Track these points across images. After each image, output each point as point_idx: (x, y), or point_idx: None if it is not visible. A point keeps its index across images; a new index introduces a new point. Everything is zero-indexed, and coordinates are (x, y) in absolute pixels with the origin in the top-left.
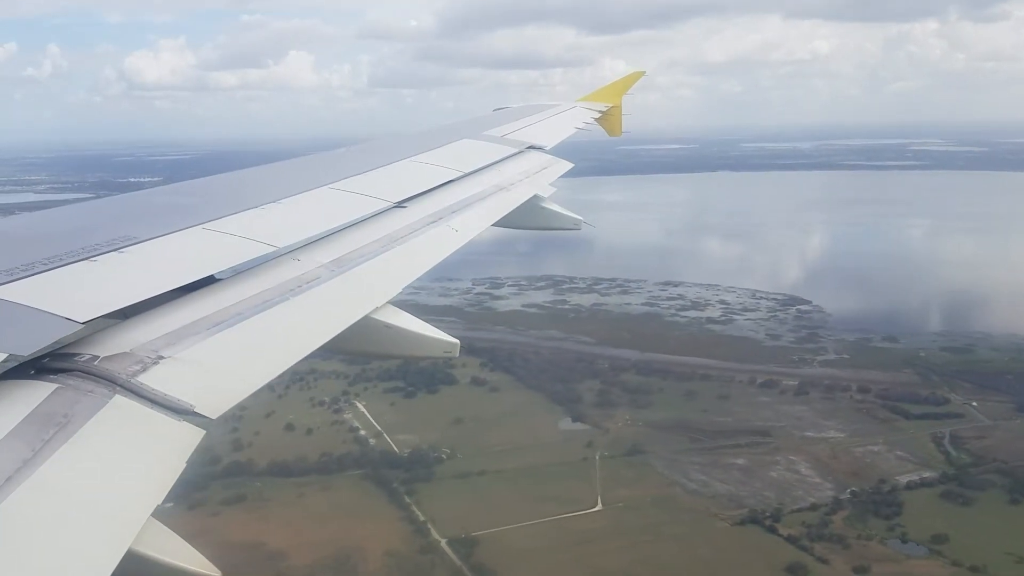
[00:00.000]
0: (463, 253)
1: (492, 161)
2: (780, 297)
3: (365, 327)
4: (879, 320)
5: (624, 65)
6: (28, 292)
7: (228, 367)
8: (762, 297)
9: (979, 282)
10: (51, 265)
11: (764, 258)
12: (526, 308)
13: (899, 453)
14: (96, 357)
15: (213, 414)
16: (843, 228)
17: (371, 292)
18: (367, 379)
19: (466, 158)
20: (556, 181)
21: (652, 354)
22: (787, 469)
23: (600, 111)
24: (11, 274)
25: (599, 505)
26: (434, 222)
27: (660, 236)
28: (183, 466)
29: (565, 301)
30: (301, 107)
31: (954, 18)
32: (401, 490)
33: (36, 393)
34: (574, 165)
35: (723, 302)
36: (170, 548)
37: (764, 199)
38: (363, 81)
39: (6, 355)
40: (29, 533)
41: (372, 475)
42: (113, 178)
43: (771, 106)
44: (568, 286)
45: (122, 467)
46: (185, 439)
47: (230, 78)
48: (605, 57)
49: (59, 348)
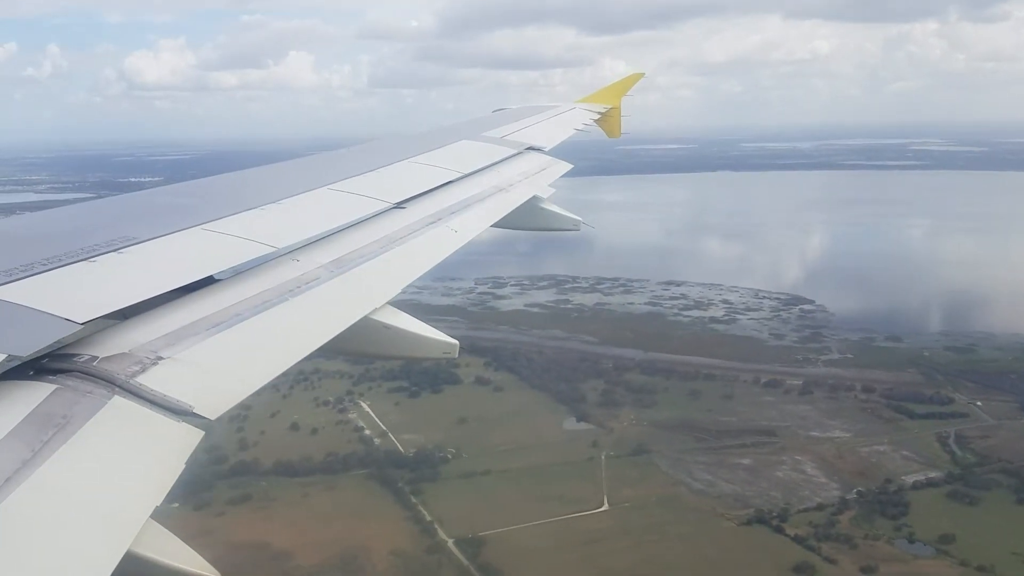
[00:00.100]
0: (465, 253)
1: (491, 162)
2: (783, 297)
3: (364, 328)
4: (882, 320)
5: (624, 65)
6: (27, 292)
7: (227, 368)
8: (765, 297)
9: (981, 282)
10: (50, 265)
11: (766, 258)
12: (529, 308)
13: (904, 453)
14: (95, 358)
15: (212, 415)
16: (844, 228)
17: (370, 293)
18: (371, 379)
19: (465, 159)
20: (556, 181)
21: (655, 354)
22: (793, 469)
23: (599, 112)
24: (10, 274)
25: (605, 505)
26: (433, 223)
27: (662, 236)
28: (182, 467)
29: (568, 301)
30: (301, 107)
31: (954, 18)
32: (407, 490)
33: (35, 394)
34: (573, 166)
35: (726, 302)
36: (169, 549)
37: (765, 199)
38: (363, 81)
39: (5, 355)
40: (28, 534)
41: (377, 475)
42: (114, 178)
43: (771, 106)
44: (570, 286)
45: (121, 468)
46: (184, 440)
47: (230, 78)
48: (605, 57)
49: (58, 349)
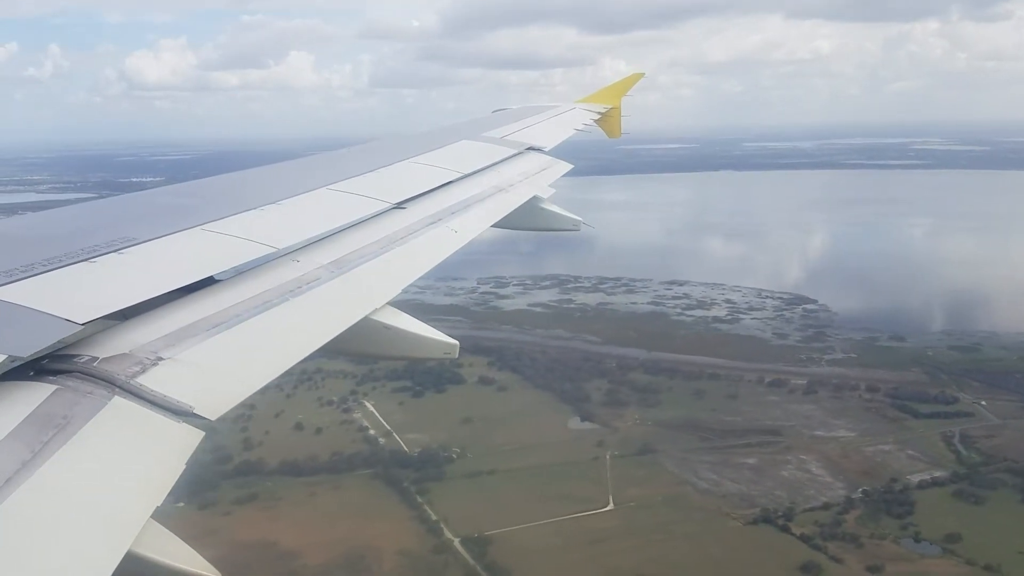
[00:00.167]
0: (467, 253)
1: (492, 162)
2: (786, 296)
3: (364, 328)
4: (885, 319)
5: (625, 65)
6: (28, 293)
7: (227, 368)
8: (768, 296)
9: (984, 281)
10: (51, 266)
11: (769, 257)
12: (532, 307)
13: (910, 452)
14: (95, 358)
15: (212, 415)
16: (847, 227)
17: (370, 293)
18: (375, 378)
19: (466, 159)
20: (556, 181)
21: (659, 353)
22: (798, 468)
23: (599, 113)
24: (11, 275)
25: (611, 504)
26: (433, 223)
27: (664, 235)
28: (182, 467)
29: (571, 300)
30: (302, 107)
31: (955, 18)
32: (412, 489)
33: (35, 394)
34: (573, 166)
35: (729, 301)
36: (170, 549)
37: (767, 198)
38: (364, 81)
39: (5, 356)
40: (29, 534)
41: (383, 474)
42: (115, 178)
43: (772, 106)
44: (573, 285)
45: (121, 468)
46: (184, 440)
47: (231, 78)
48: (606, 57)
49: (58, 349)
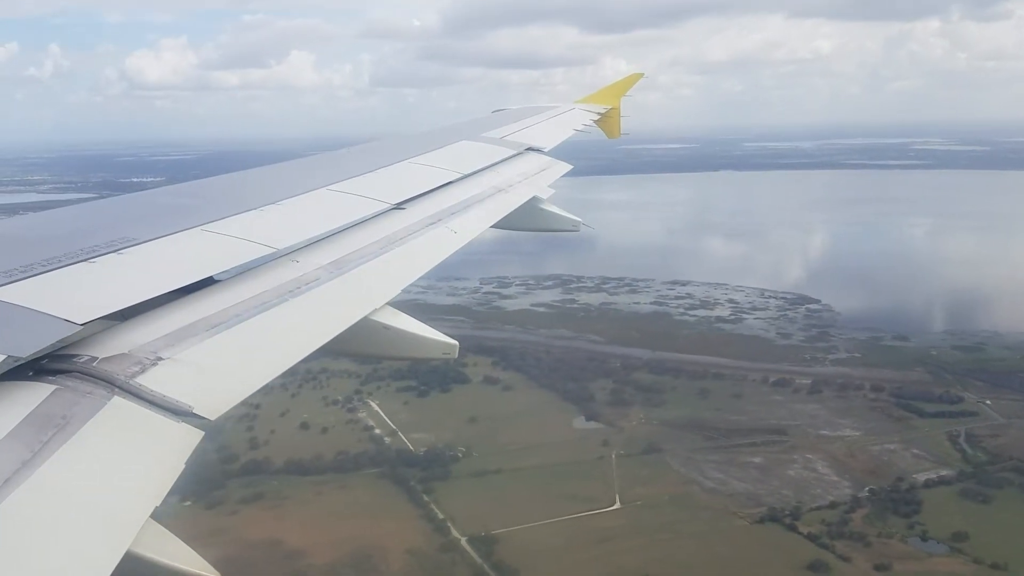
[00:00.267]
0: (469, 253)
1: (491, 163)
2: (789, 296)
3: (364, 328)
4: (888, 319)
5: (625, 64)
6: (27, 293)
7: (227, 368)
8: (771, 296)
9: (986, 281)
10: (50, 266)
11: (771, 257)
12: (535, 307)
13: (915, 451)
14: (95, 358)
15: (212, 415)
16: (848, 227)
17: (370, 294)
18: (379, 378)
19: (465, 160)
20: (557, 181)
21: (663, 353)
22: (804, 467)
23: (599, 113)
24: (10, 275)
25: (617, 503)
26: (433, 224)
27: (665, 235)
28: (182, 467)
29: (574, 300)
30: (302, 107)
31: (956, 17)
32: (419, 488)
33: (35, 394)
34: (573, 167)
35: (732, 301)
36: (169, 549)
37: (768, 198)
38: (364, 80)
39: (5, 356)
40: (28, 534)
41: (389, 473)
42: (116, 178)
43: (772, 105)
44: (576, 285)
45: (121, 468)
46: (184, 440)
47: (231, 78)
48: (607, 56)
49: (58, 349)
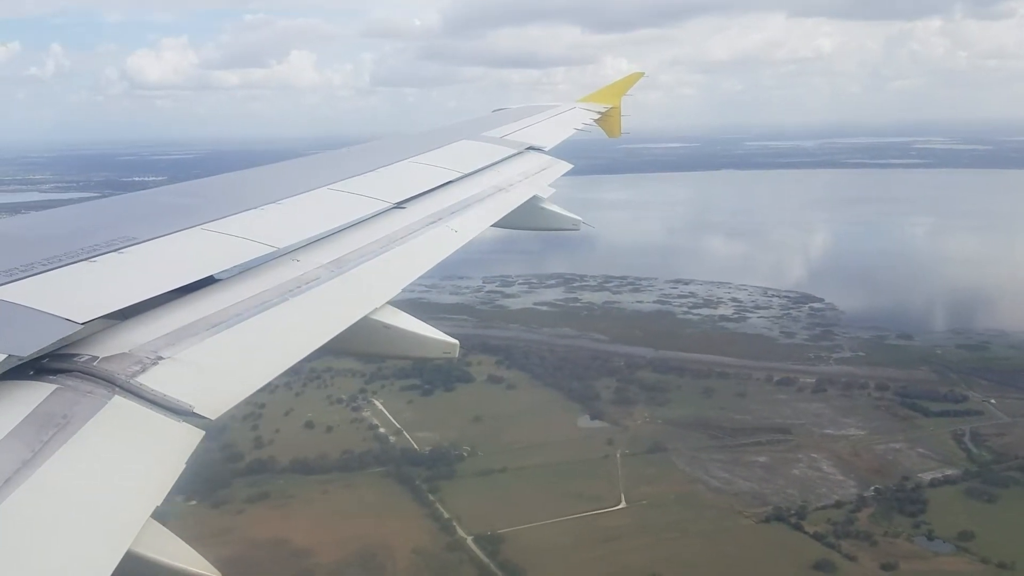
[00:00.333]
0: (472, 251)
1: (491, 162)
2: (792, 295)
3: (364, 328)
4: (892, 318)
5: (626, 63)
6: (28, 293)
7: (227, 368)
8: (774, 295)
9: (990, 280)
10: (51, 266)
11: (774, 256)
12: (538, 306)
13: (920, 450)
14: (95, 358)
15: (212, 415)
16: (851, 226)
17: (370, 293)
18: (383, 377)
19: (466, 159)
20: (559, 180)
21: (667, 352)
22: (809, 467)
23: (599, 112)
24: (11, 274)
25: (622, 503)
26: (433, 223)
27: (668, 234)
28: (182, 467)
29: (576, 299)
30: (303, 106)
31: (958, 16)
32: (424, 487)
33: (35, 394)
34: (573, 166)
35: (735, 300)
36: (169, 549)
37: (770, 197)
38: (365, 80)
39: (5, 355)
40: (28, 534)
41: (394, 473)
42: (118, 177)
43: (774, 104)
44: (578, 284)
45: (121, 468)
46: (184, 440)
47: (232, 77)
48: (608, 55)
49: (58, 349)
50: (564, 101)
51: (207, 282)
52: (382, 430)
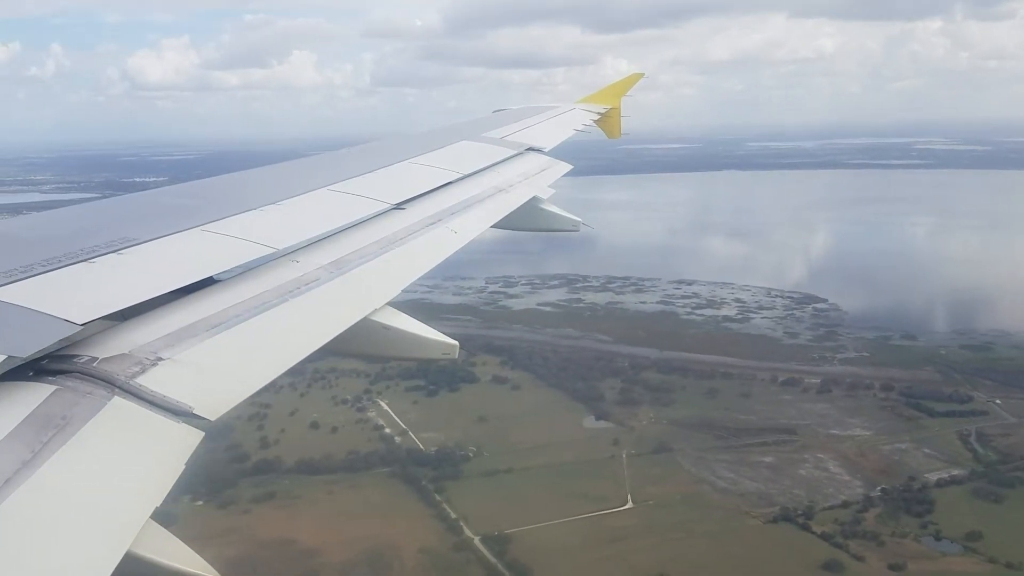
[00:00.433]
0: (474, 252)
1: (491, 163)
2: (795, 295)
3: (364, 329)
4: (895, 318)
5: (627, 64)
6: (27, 294)
7: (227, 369)
8: (777, 295)
9: (993, 280)
10: (50, 267)
11: (777, 256)
12: (541, 307)
13: (927, 451)
14: (95, 359)
15: (212, 416)
16: (853, 226)
17: (370, 294)
18: (388, 377)
19: (465, 160)
20: (560, 181)
21: (671, 352)
22: (815, 467)
23: (599, 113)
24: (10, 276)
25: (629, 503)
26: (433, 224)
27: (670, 235)
28: (182, 468)
29: (580, 300)
30: (303, 106)
31: (959, 17)
32: (430, 488)
33: (35, 395)
34: (573, 167)
35: (738, 300)
36: (169, 550)
37: (771, 198)
38: (366, 80)
39: (5, 356)
40: (28, 535)
41: (400, 473)
42: (119, 178)
43: (774, 105)
44: (581, 285)
45: (121, 469)
46: (184, 441)
47: (233, 78)
48: (608, 56)
49: (58, 350)
50: (564, 102)
51: (207, 283)
52: (387, 430)
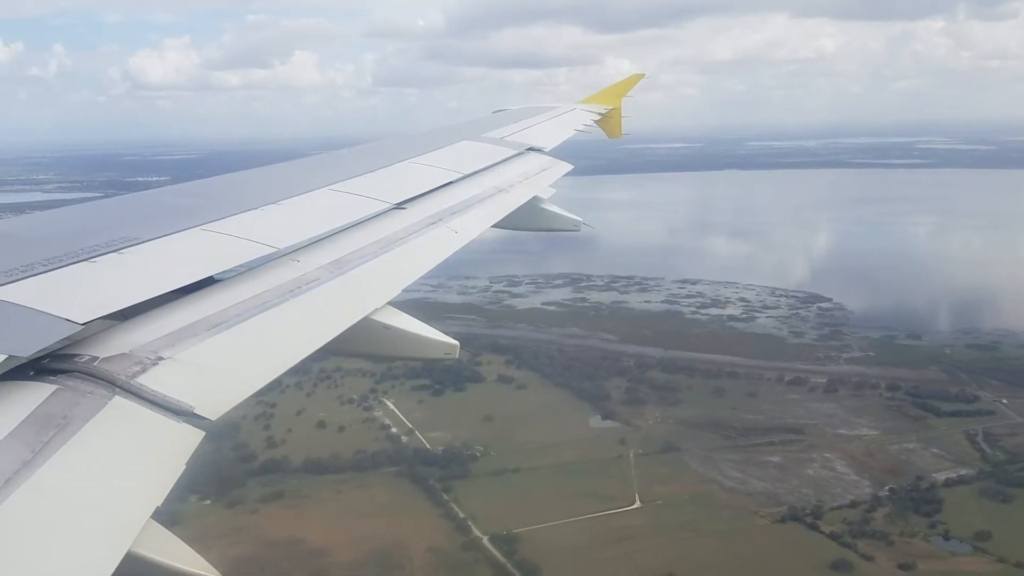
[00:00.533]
0: (478, 251)
1: (492, 163)
2: (800, 295)
3: (364, 328)
4: (900, 317)
5: (628, 64)
6: (28, 293)
7: (227, 368)
8: (781, 295)
9: (998, 280)
10: (51, 266)
11: (780, 256)
12: (545, 306)
13: (934, 450)
14: (95, 358)
15: (212, 415)
16: (856, 226)
17: (370, 293)
18: (393, 377)
19: (466, 160)
20: (560, 181)
21: (676, 352)
22: (823, 466)
23: (600, 113)
24: (11, 275)
25: (637, 502)
26: (434, 223)
27: (674, 235)
28: (183, 467)
29: (584, 299)
30: (304, 106)
31: (961, 16)
32: (438, 487)
33: (36, 394)
34: (574, 167)
35: (743, 300)
36: (169, 550)
37: (773, 197)
38: (367, 80)
39: (6, 356)
40: (29, 535)
41: (407, 472)
42: (121, 177)
43: (775, 105)
44: (585, 284)
45: (122, 468)
46: (184, 440)
47: (234, 78)
48: (610, 56)
49: (59, 349)
50: (565, 102)
51: (207, 282)
52: (394, 430)
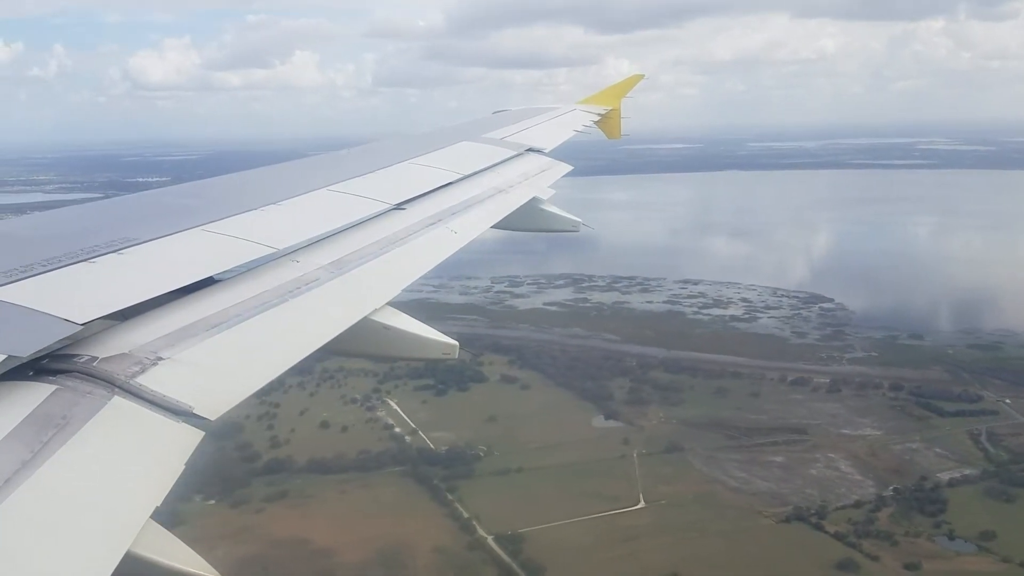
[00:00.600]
0: (479, 252)
1: (491, 163)
2: (801, 295)
3: (364, 328)
4: (902, 318)
5: (628, 64)
6: (28, 293)
7: (227, 368)
8: (783, 295)
9: (999, 280)
10: (50, 266)
11: (782, 256)
12: (547, 306)
13: (938, 450)
14: (95, 358)
15: (212, 415)
16: (857, 226)
17: (370, 294)
18: (397, 376)
19: (465, 160)
20: (560, 181)
21: (678, 352)
22: (827, 466)
23: (599, 114)
24: (10, 275)
25: (641, 502)
26: (433, 224)
27: (675, 235)
28: (182, 467)
29: (586, 299)
30: (304, 107)
31: (962, 17)
32: (442, 487)
33: (35, 394)
34: (573, 167)
35: (745, 300)
36: (169, 550)
37: (774, 198)
38: (367, 80)
39: (5, 356)
40: (28, 535)
41: (412, 472)
42: (122, 178)
43: (775, 105)
44: (587, 284)
45: (121, 468)
46: (184, 440)
47: (234, 78)
48: (610, 56)
49: (58, 349)
50: (565, 102)
51: (207, 283)
52: (398, 430)
